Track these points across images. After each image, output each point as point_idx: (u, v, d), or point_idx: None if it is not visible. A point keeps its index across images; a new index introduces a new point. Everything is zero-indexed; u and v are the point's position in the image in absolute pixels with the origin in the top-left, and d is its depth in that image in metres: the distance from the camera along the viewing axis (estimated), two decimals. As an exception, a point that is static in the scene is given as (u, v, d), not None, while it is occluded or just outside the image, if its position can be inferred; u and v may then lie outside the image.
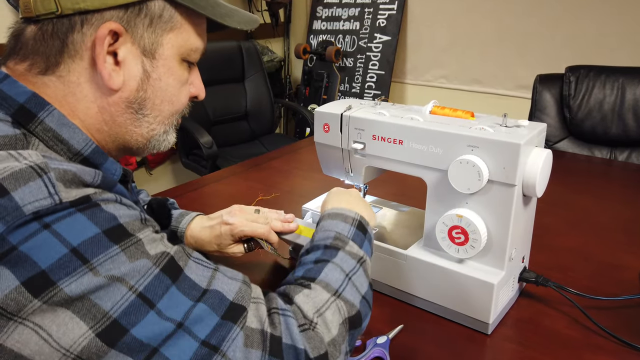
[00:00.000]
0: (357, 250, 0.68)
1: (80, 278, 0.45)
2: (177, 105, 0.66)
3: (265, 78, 2.87)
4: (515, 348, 0.76)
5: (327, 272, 0.63)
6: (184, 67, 0.65)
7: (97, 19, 0.56)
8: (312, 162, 0.98)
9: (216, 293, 0.52)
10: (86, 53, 0.57)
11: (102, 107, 0.60)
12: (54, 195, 0.46)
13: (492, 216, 0.76)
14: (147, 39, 0.59)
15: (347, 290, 0.62)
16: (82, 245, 0.46)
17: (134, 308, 0.47)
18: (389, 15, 3.05)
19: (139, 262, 0.48)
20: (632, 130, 1.72)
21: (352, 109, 0.89)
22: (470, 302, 0.78)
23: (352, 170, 0.92)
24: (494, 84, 2.83)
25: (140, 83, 0.60)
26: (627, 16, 2.35)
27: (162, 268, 0.50)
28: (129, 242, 0.49)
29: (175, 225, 0.91)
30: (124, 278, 0.47)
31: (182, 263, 0.52)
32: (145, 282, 0.48)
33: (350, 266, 0.65)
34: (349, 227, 0.71)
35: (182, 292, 0.50)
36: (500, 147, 0.72)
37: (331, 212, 0.74)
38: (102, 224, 0.48)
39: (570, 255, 1.02)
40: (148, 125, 0.63)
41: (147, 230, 0.52)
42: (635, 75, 1.74)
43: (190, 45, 0.64)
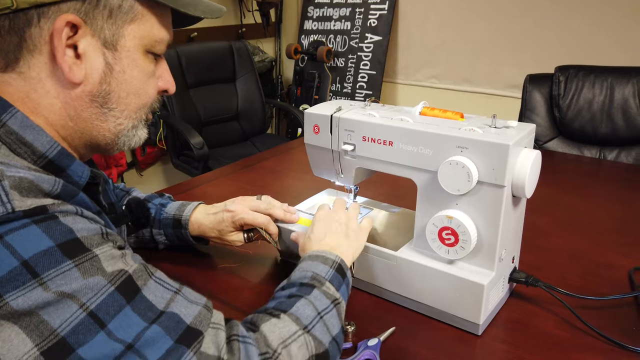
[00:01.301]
0: (333, 292, 0.67)
1: (29, 292, 0.44)
2: (144, 98, 0.64)
3: (256, 78, 2.87)
4: (505, 348, 0.76)
5: (299, 307, 0.61)
6: (149, 59, 0.63)
7: (54, 11, 0.54)
8: (304, 163, 0.98)
9: (173, 316, 0.50)
10: (45, 47, 0.56)
11: (66, 102, 0.58)
12: (6, 204, 0.45)
13: (482, 217, 0.76)
14: (108, 31, 0.58)
15: (317, 328, 0.60)
16: (33, 259, 0.44)
17: (83, 327, 0.45)
18: (379, 15, 3.05)
19: (93, 279, 0.47)
20: (621, 129, 1.73)
21: (342, 110, 0.89)
22: (461, 303, 0.78)
23: (343, 172, 0.92)
24: (484, 83, 2.84)
25: (102, 76, 0.59)
26: (616, 16, 2.37)
27: (118, 287, 0.48)
28: (84, 258, 0.47)
29: (178, 214, 0.92)
30: (75, 295, 0.45)
31: (141, 282, 0.51)
32: (97, 300, 0.46)
33: (324, 305, 0.63)
34: (327, 269, 0.70)
35: (137, 312, 0.48)
36: (490, 148, 0.72)
37: (312, 254, 0.73)
38: (57, 237, 0.46)
39: (560, 255, 1.02)
40: (115, 119, 0.62)
41: (106, 246, 0.50)
42: (624, 74, 1.75)
43: (153, 37, 0.62)
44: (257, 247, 1.04)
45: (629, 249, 1.04)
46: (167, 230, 0.94)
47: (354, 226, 0.83)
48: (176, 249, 1.01)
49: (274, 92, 3.58)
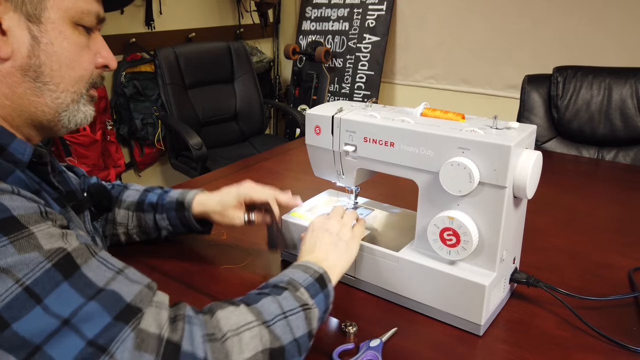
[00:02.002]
0: (306, 298, 0.65)
1: None
2: (79, 70, 0.64)
3: (254, 79, 2.86)
4: (506, 349, 0.76)
5: (264, 303, 0.61)
6: (79, 31, 0.63)
7: None
8: (303, 163, 0.98)
9: (112, 293, 0.50)
10: None
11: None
12: None
13: (483, 218, 0.76)
14: (29, 5, 0.59)
15: (279, 325, 0.60)
16: None
17: (18, 301, 0.45)
18: (378, 15, 3.06)
19: (29, 255, 0.46)
20: (619, 129, 1.74)
21: (343, 111, 0.89)
22: (462, 303, 0.78)
23: (344, 173, 0.92)
24: (482, 84, 2.85)
25: (30, 49, 0.60)
26: (614, 17, 2.38)
27: (55, 264, 0.48)
28: (20, 235, 0.47)
29: (181, 197, 0.94)
30: (10, 270, 0.45)
31: (81, 260, 0.50)
32: (34, 276, 0.46)
33: (291, 306, 0.63)
34: (306, 277, 0.69)
35: (75, 288, 0.48)
36: (491, 149, 0.72)
37: (296, 263, 0.73)
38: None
39: (560, 255, 1.03)
40: (51, 93, 0.62)
41: (44, 224, 0.50)
42: (622, 75, 1.76)
43: (79, 8, 0.62)
44: (258, 248, 1.04)
45: (628, 249, 1.04)
46: (170, 214, 0.95)
47: (346, 236, 0.82)
48: (177, 250, 1.01)
49: (272, 92, 3.58)
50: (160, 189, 1.00)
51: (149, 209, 0.96)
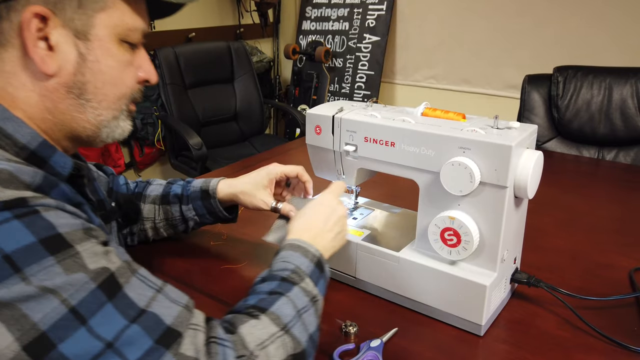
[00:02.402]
0: (312, 289, 0.66)
1: (11, 286, 0.44)
2: (122, 88, 0.64)
3: (254, 78, 2.86)
4: (507, 349, 0.76)
5: (280, 306, 0.61)
6: (124, 48, 0.63)
7: (22, 4, 0.55)
8: (303, 163, 0.98)
9: (153, 316, 0.50)
10: (16, 41, 0.56)
11: (43, 95, 0.59)
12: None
13: (484, 218, 0.76)
14: (78, 21, 0.58)
15: (296, 327, 0.60)
16: (15, 253, 0.44)
17: (64, 322, 0.45)
18: (378, 15, 3.05)
19: (75, 276, 0.46)
20: (620, 129, 1.73)
21: (344, 111, 0.89)
22: (463, 303, 0.78)
23: (344, 172, 0.92)
24: (483, 84, 2.84)
25: (76, 66, 0.59)
26: (614, 17, 2.38)
27: (100, 284, 0.48)
28: (67, 254, 0.47)
29: (205, 186, 0.95)
30: (57, 290, 0.45)
31: (124, 280, 0.50)
32: (79, 296, 0.46)
33: (303, 303, 0.63)
34: (307, 263, 0.69)
35: (118, 310, 0.48)
36: (492, 149, 0.72)
37: (293, 243, 0.72)
38: (40, 232, 0.46)
39: (561, 255, 1.02)
40: (93, 110, 0.62)
41: (88, 243, 0.50)
42: (622, 75, 1.76)
43: (126, 25, 0.62)
44: (258, 248, 1.04)
45: (628, 249, 1.04)
46: (196, 204, 0.95)
47: (346, 229, 0.82)
48: (177, 250, 1.01)
49: (272, 92, 3.57)
50: (182, 180, 1.00)
51: (174, 201, 0.96)
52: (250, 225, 1.12)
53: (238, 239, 1.07)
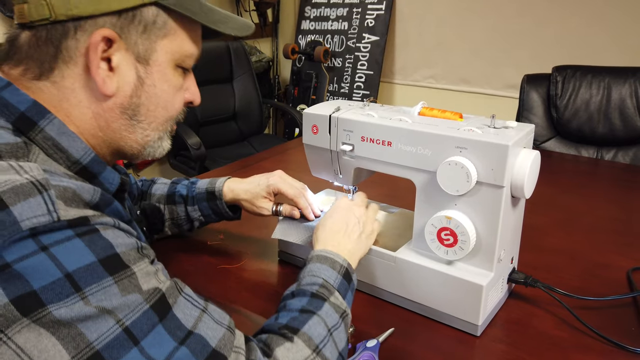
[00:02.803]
0: (341, 303, 0.67)
1: (71, 305, 0.45)
2: (172, 111, 0.66)
3: (253, 78, 2.86)
4: (504, 349, 0.76)
5: (311, 325, 0.62)
6: (178, 73, 0.65)
7: (91, 25, 0.56)
8: (302, 163, 0.98)
9: (200, 338, 0.51)
10: (80, 59, 0.57)
11: (97, 113, 0.60)
12: (52, 213, 0.46)
13: (481, 218, 0.76)
14: (141, 45, 0.59)
15: (328, 346, 0.61)
16: (76, 273, 0.45)
17: (118, 342, 0.46)
18: (377, 15, 3.05)
19: (131, 297, 0.48)
20: (618, 129, 1.73)
21: (341, 110, 0.88)
22: (460, 303, 0.78)
23: (341, 172, 0.92)
24: (482, 83, 2.84)
25: (134, 89, 0.61)
26: (613, 17, 2.37)
27: (152, 305, 0.49)
28: (124, 275, 0.48)
29: (210, 187, 0.97)
30: (114, 311, 0.46)
31: (172, 300, 0.52)
32: (133, 317, 0.47)
33: (334, 321, 0.64)
34: (335, 275, 0.70)
35: (168, 331, 0.49)
36: (489, 149, 0.72)
37: (320, 254, 0.73)
38: (99, 252, 0.48)
39: (558, 255, 1.02)
40: (142, 131, 0.64)
41: (142, 263, 0.51)
42: (621, 75, 1.76)
43: (184, 51, 0.64)
44: (254, 248, 1.04)
45: (627, 249, 1.04)
46: (202, 205, 0.97)
47: (369, 229, 0.83)
48: (173, 250, 1.01)
49: (271, 92, 3.57)
50: (186, 180, 1.02)
51: (180, 201, 0.98)
52: (247, 225, 1.12)
53: (235, 239, 1.07)
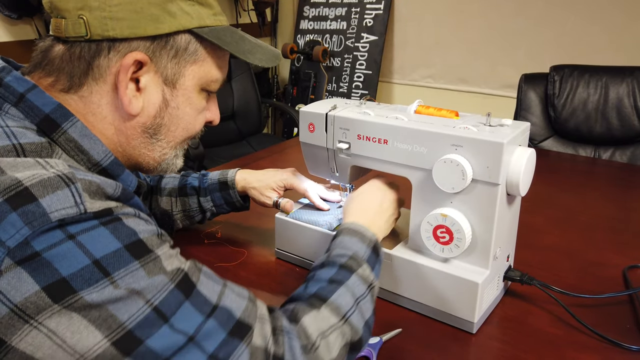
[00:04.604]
0: (369, 275, 0.69)
1: (101, 290, 0.46)
2: (192, 132, 0.68)
3: (252, 78, 2.86)
4: (499, 347, 0.76)
5: (339, 295, 0.64)
6: (202, 96, 0.67)
7: (124, 47, 0.58)
8: (300, 162, 0.98)
9: (225, 310, 0.53)
10: (110, 78, 0.59)
11: (119, 130, 0.62)
12: (79, 205, 0.47)
13: (477, 215, 0.76)
14: (170, 70, 0.61)
15: (354, 316, 0.63)
16: (104, 259, 0.47)
17: (149, 321, 0.48)
18: (375, 15, 3.05)
19: (157, 278, 0.50)
20: (616, 129, 1.74)
21: (337, 108, 0.88)
22: (455, 301, 0.78)
23: (338, 170, 0.92)
24: (480, 83, 2.84)
25: (158, 110, 0.62)
26: (611, 16, 2.38)
27: (177, 284, 0.51)
28: (148, 259, 0.50)
29: (223, 178, 1.00)
30: (142, 292, 0.48)
31: (195, 278, 0.53)
32: (160, 297, 0.49)
33: (361, 291, 0.66)
34: (365, 249, 0.72)
35: (194, 307, 0.51)
36: (484, 146, 0.72)
37: (350, 227, 0.75)
38: (124, 238, 0.49)
39: (554, 253, 1.02)
40: (161, 149, 0.66)
41: (164, 247, 0.53)
42: (619, 74, 1.76)
43: (211, 77, 0.65)
44: (251, 246, 1.04)
45: (623, 247, 1.04)
46: (214, 195, 1.00)
47: (396, 214, 0.86)
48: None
49: (270, 91, 3.57)
50: (196, 172, 1.04)
51: (192, 193, 1.01)
52: (244, 223, 1.13)
53: (232, 237, 1.07)
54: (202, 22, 0.62)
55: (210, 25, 0.63)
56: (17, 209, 0.45)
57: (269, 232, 1.05)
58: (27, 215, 0.45)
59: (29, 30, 2.41)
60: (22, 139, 0.53)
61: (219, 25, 0.65)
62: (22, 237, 0.44)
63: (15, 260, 0.44)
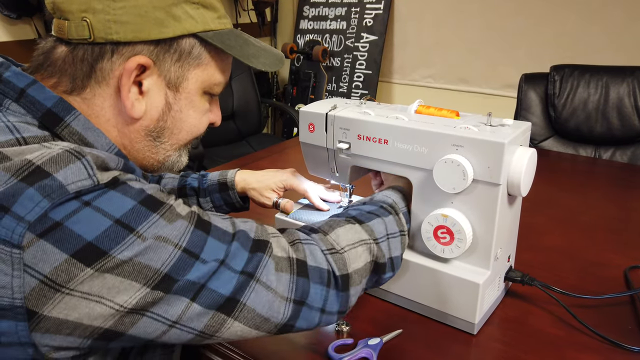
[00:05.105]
0: (404, 224, 0.76)
1: (130, 245, 0.48)
2: (195, 133, 0.68)
3: (252, 78, 2.86)
4: (500, 347, 0.75)
5: (375, 223, 0.70)
6: (205, 99, 0.67)
7: (128, 50, 0.58)
8: (300, 162, 0.98)
9: (242, 233, 0.58)
10: (112, 81, 0.59)
11: (122, 133, 0.62)
12: (92, 177, 0.49)
13: (477, 216, 0.76)
14: (174, 73, 0.61)
15: (384, 244, 0.70)
16: (125, 217, 0.49)
17: (182, 262, 0.51)
18: (375, 14, 3.05)
19: (177, 223, 0.52)
20: (616, 128, 1.73)
21: (337, 108, 0.88)
22: (456, 302, 0.78)
23: (338, 170, 0.92)
24: (480, 83, 2.84)
25: (161, 114, 0.63)
26: (611, 16, 2.37)
27: (195, 225, 0.54)
28: (163, 209, 0.52)
29: (222, 178, 0.99)
30: (169, 238, 0.51)
31: (207, 218, 0.57)
32: (186, 238, 0.52)
33: (393, 230, 0.73)
34: (404, 204, 0.80)
35: (217, 239, 0.55)
36: (485, 147, 0.71)
37: (395, 186, 0.83)
38: (135, 197, 0.51)
39: (555, 254, 1.02)
40: (164, 152, 0.66)
41: (171, 198, 0.55)
42: (619, 74, 1.75)
43: (214, 80, 0.66)
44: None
45: (624, 248, 1.04)
46: (214, 196, 1.00)
47: None
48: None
49: (270, 91, 3.57)
50: (195, 173, 1.04)
51: (191, 194, 1.00)
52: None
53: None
54: (207, 26, 0.62)
55: (215, 29, 0.63)
56: (34, 184, 0.46)
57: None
58: (45, 188, 0.46)
59: (28, 30, 2.40)
60: (25, 133, 0.53)
61: (223, 28, 0.64)
62: (41, 210, 0.45)
63: (36, 233, 0.45)
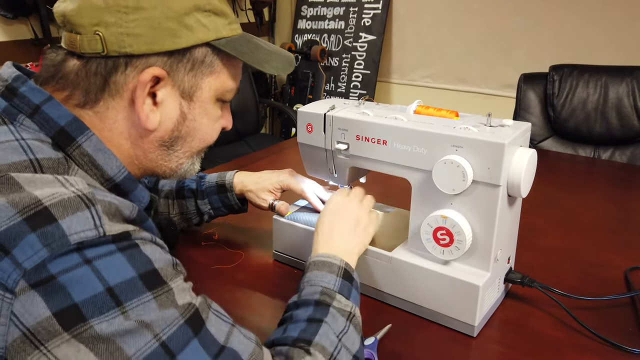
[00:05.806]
0: (345, 304, 0.67)
1: (111, 320, 0.45)
2: (208, 141, 0.68)
3: (250, 78, 2.85)
4: (500, 350, 0.75)
5: (322, 335, 0.62)
6: (217, 105, 0.66)
7: (142, 62, 0.57)
8: (298, 163, 0.98)
9: (232, 352, 0.52)
10: (126, 93, 0.58)
11: (136, 145, 0.61)
12: (99, 228, 0.47)
13: (477, 217, 0.75)
14: (187, 83, 0.61)
15: (341, 352, 0.61)
16: (118, 287, 0.46)
17: (155, 356, 0.46)
18: (373, 14, 3.05)
19: (168, 312, 0.48)
20: (616, 128, 1.73)
21: (336, 108, 0.87)
22: (456, 304, 0.77)
23: (336, 171, 0.91)
24: (479, 83, 2.84)
25: (176, 124, 0.62)
26: (610, 16, 2.37)
27: (187, 320, 0.50)
28: (161, 290, 0.49)
29: (220, 180, 0.99)
30: (152, 325, 0.47)
31: (205, 315, 0.52)
32: (169, 331, 0.48)
33: (341, 326, 0.64)
34: (334, 279, 0.69)
35: (202, 345, 0.50)
36: (485, 147, 0.71)
37: (316, 260, 0.72)
38: (139, 267, 0.48)
39: (555, 255, 1.02)
40: (177, 160, 0.66)
41: (178, 279, 0.52)
42: (618, 74, 1.75)
43: (227, 87, 0.65)
44: (249, 248, 1.03)
45: (624, 249, 1.03)
46: (212, 198, 0.99)
47: (364, 221, 0.82)
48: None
49: (268, 91, 3.56)
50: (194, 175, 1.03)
51: (189, 195, 1.00)
52: (241, 225, 1.11)
53: (229, 240, 1.06)
54: (219, 34, 0.61)
55: (226, 36, 0.62)
56: (36, 230, 0.44)
57: (266, 234, 1.04)
58: (46, 236, 0.44)
59: (25, 30, 2.39)
60: (38, 154, 0.51)
61: (234, 34, 0.64)
62: (39, 259, 0.44)
63: (30, 283, 0.43)
